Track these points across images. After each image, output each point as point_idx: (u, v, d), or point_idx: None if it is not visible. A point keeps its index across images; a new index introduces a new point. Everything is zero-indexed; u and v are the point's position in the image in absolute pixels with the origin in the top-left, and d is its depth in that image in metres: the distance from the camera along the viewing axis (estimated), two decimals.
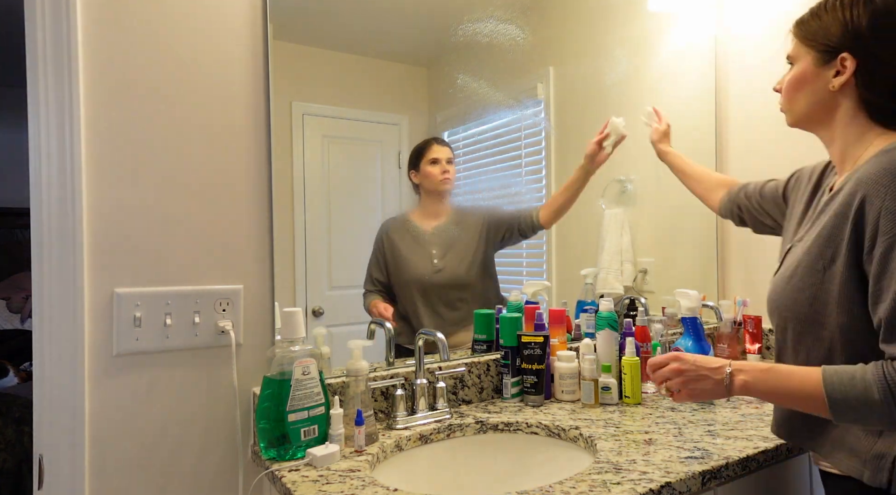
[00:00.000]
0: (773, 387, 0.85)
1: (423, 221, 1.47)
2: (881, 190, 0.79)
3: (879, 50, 0.84)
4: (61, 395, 1.01)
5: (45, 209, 1.01)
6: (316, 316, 1.27)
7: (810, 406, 0.82)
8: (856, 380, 0.78)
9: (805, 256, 0.89)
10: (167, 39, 1.10)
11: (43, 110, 1.02)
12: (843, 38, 0.87)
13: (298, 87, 1.25)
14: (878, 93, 0.86)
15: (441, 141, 1.47)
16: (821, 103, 0.92)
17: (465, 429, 1.23)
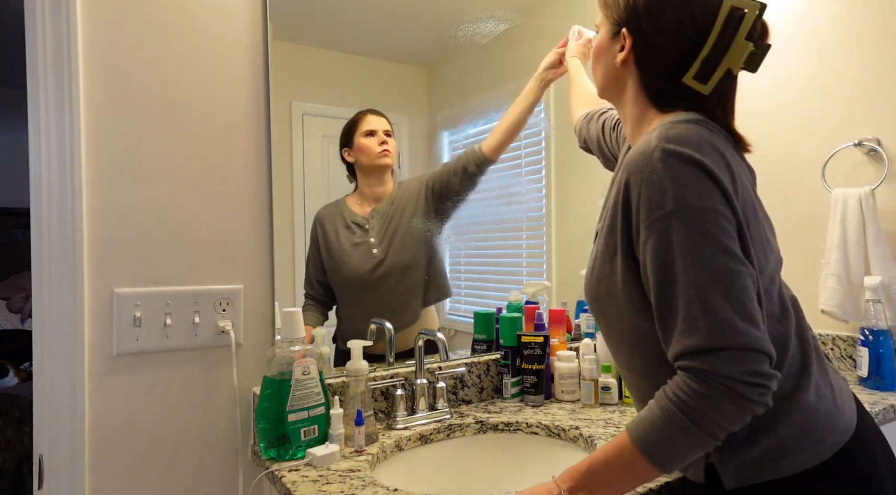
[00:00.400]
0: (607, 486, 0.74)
1: (361, 206, 1.30)
2: (637, 176, 0.75)
3: (651, 30, 0.82)
4: (61, 395, 1.01)
5: (45, 209, 1.01)
6: None
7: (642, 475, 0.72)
8: (656, 420, 0.71)
9: (600, 246, 0.84)
10: (167, 40, 1.10)
11: (43, 110, 1.02)
12: (625, 12, 0.84)
13: (298, 87, 1.25)
14: (650, 73, 0.84)
15: (376, 111, 1.32)
16: (611, 77, 0.90)
17: (465, 429, 1.23)
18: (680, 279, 0.70)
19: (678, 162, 0.72)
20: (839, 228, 1.53)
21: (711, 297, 0.68)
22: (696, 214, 0.70)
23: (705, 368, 0.68)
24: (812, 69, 1.68)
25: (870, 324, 1.43)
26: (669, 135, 0.74)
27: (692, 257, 0.69)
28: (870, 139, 1.56)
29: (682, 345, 0.69)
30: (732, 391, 0.67)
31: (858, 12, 1.59)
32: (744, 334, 0.67)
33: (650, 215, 0.72)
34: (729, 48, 0.78)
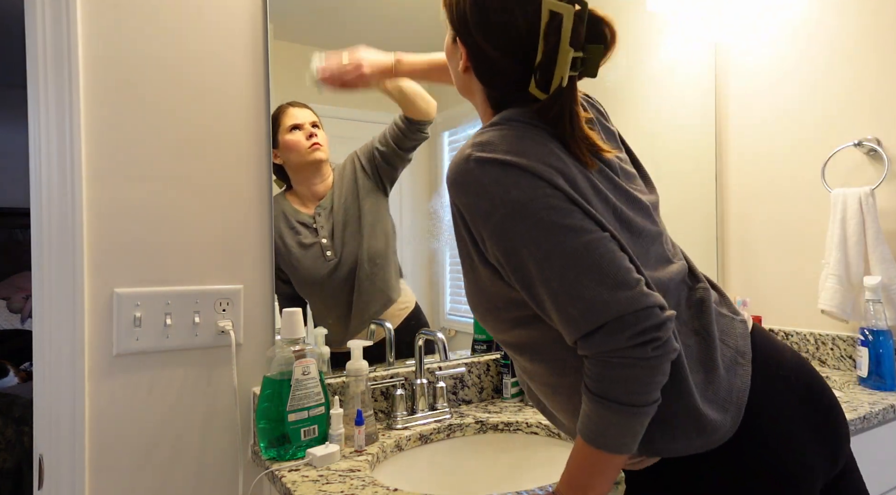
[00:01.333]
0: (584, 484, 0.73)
1: (303, 204, 1.20)
2: (459, 189, 0.72)
3: (482, 41, 0.76)
4: (61, 395, 1.01)
5: (45, 209, 1.01)
6: None
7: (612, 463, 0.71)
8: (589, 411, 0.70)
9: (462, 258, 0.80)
10: (167, 40, 1.10)
11: (43, 110, 1.02)
12: (455, 20, 0.79)
13: (299, 88, 1.25)
14: (491, 85, 0.80)
15: (298, 103, 1.20)
16: (460, 82, 0.86)
17: (465, 429, 1.23)
18: (537, 277, 0.69)
19: (493, 167, 0.70)
20: (839, 228, 1.53)
21: (570, 284, 0.67)
22: (526, 208, 0.68)
23: (596, 350, 0.67)
24: (812, 69, 1.68)
25: (869, 324, 1.43)
26: (481, 142, 0.72)
27: (538, 252, 0.68)
28: (870, 139, 1.56)
29: (570, 336, 0.69)
30: (627, 358, 0.66)
31: (858, 12, 1.59)
32: (611, 303, 0.66)
33: (485, 223, 0.71)
34: (557, 54, 0.72)
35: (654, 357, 0.66)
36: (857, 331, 1.53)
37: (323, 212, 1.21)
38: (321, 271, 1.21)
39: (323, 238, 1.21)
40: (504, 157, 0.70)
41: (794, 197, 1.73)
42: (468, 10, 0.76)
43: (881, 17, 1.55)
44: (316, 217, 1.21)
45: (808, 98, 1.69)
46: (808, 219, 1.70)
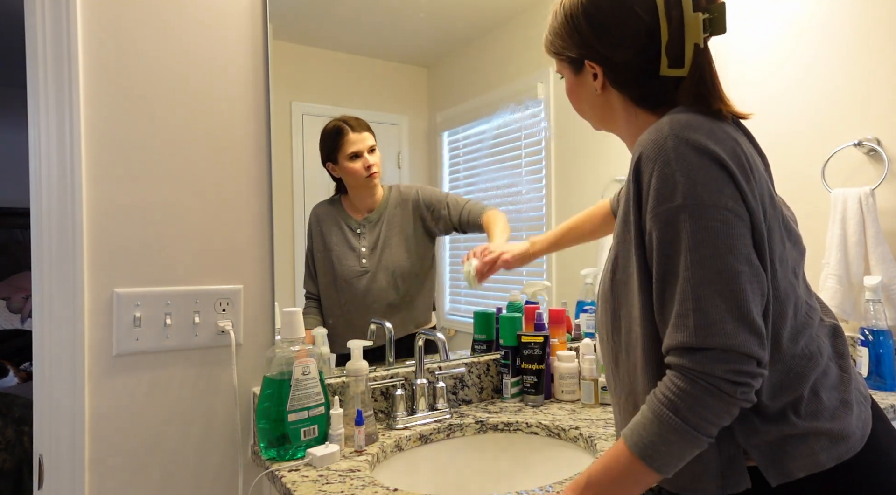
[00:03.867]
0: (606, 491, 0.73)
1: (354, 210, 1.31)
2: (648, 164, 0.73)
3: (609, 50, 0.83)
4: (61, 395, 1.01)
5: (45, 209, 1.01)
6: None
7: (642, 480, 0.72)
8: (648, 422, 0.71)
9: (619, 242, 0.81)
10: (167, 39, 1.10)
11: (43, 110, 1.02)
12: (576, 47, 0.86)
13: (298, 87, 1.25)
14: (630, 86, 0.84)
15: (356, 126, 1.29)
16: (598, 106, 0.90)
17: (465, 429, 1.23)
18: (680, 274, 0.70)
19: (691, 152, 0.71)
20: (839, 228, 1.53)
21: (706, 296, 0.68)
22: (705, 210, 0.69)
23: (690, 367, 0.69)
24: (812, 69, 1.68)
25: (869, 324, 1.43)
26: (681, 121, 0.73)
27: (695, 254, 0.69)
28: (870, 139, 1.56)
29: (672, 340, 0.70)
30: (716, 388, 0.68)
31: (858, 12, 1.59)
32: (730, 336, 0.67)
33: (658, 206, 0.71)
34: (684, 25, 0.78)
35: (737, 399, 0.68)
36: (857, 331, 1.53)
37: (368, 224, 1.32)
38: (353, 274, 1.30)
39: (363, 247, 1.31)
40: (702, 142, 0.71)
41: (794, 197, 1.73)
42: (587, 33, 0.83)
43: (881, 16, 1.55)
44: (363, 225, 1.31)
45: (808, 98, 1.69)
46: (808, 219, 1.70)
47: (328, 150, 1.27)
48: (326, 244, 1.26)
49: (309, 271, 1.25)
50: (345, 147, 1.28)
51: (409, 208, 1.37)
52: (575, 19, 0.85)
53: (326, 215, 1.27)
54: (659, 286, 0.72)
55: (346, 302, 1.29)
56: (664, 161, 0.71)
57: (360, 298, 1.31)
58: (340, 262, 1.28)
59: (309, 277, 1.25)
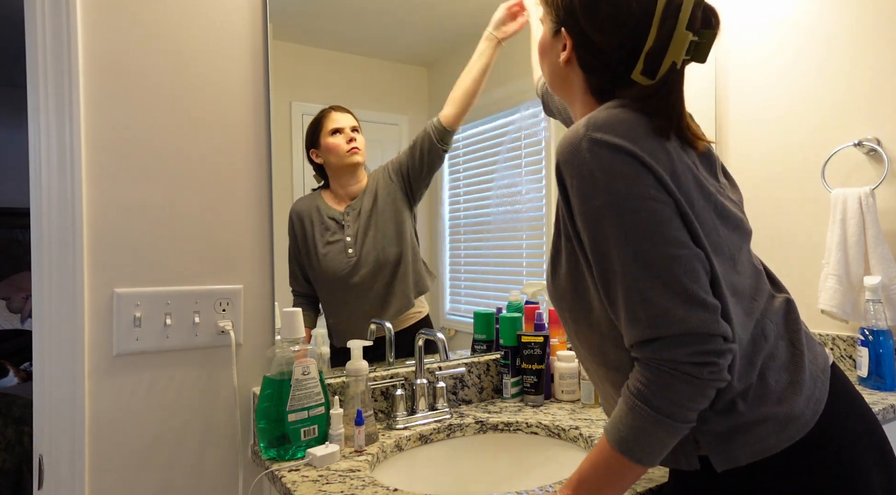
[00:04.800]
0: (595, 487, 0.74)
1: (336, 202, 1.28)
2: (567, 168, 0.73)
3: (590, 28, 0.78)
4: (61, 395, 1.01)
5: (45, 209, 1.01)
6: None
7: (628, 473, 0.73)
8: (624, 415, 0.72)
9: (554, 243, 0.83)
10: (167, 40, 1.10)
11: (43, 110, 1.02)
12: (563, 12, 0.81)
13: (298, 87, 1.25)
14: (595, 73, 0.81)
15: (340, 107, 1.28)
16: (557, 75, 0.87)
17: (465, 429, 1.23)
18: (618, 272, 0.70)
19: (605, 150, 0.71)
20: (839, 228, 1.53)
21: (649, 288, 0.68)
22: (628, 203, 0.69)
23: (652, 357, 0.69)
24: (812, 69, 1.68)
25: (869, 324, 1.43)
26: (597, 121, 0.73)
27: (627, 249, 0.69)
28: (870, 139, 1.56)
29: (630, 336, 0.71)
30: (681, 373, 0.68)
31: (858, 11, 1.59)
32: (684, 321, 0.68)
33: (583, 207, 0.72)
34: (671, 39, 0.74)
35: (706, 379, 0.68)
36: (857, 331, 1.53)
37: (352, 213, 1.28)
38: (341, 268, 1.27)
39: (348, 236, 1.27)
40: (617, 141, 0.71)
41: (794, 197, 1.73)
42: (580, 8, 0.79)
43: (881, 15, 1.55)
44: (345, 216, 1.28)
45: (808, 98, 1.69)
46: (808, 219, 1.70)
47: (312, 134, 1.24)
48: (311, 241, 1.24)
49: (293, 270, 1.22)
50: (327, 124, 1.25)
51: (384, 186, 1.33)
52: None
53: (307, 211, 1.24)
54: (602, 286, 0.73)
55: (340, 295, 1.28)
56: (580, 161, 0.72)
57: (353, 289, 1.29)
58: (328, 258, 1.26)
59: (293, 276, 1.22)
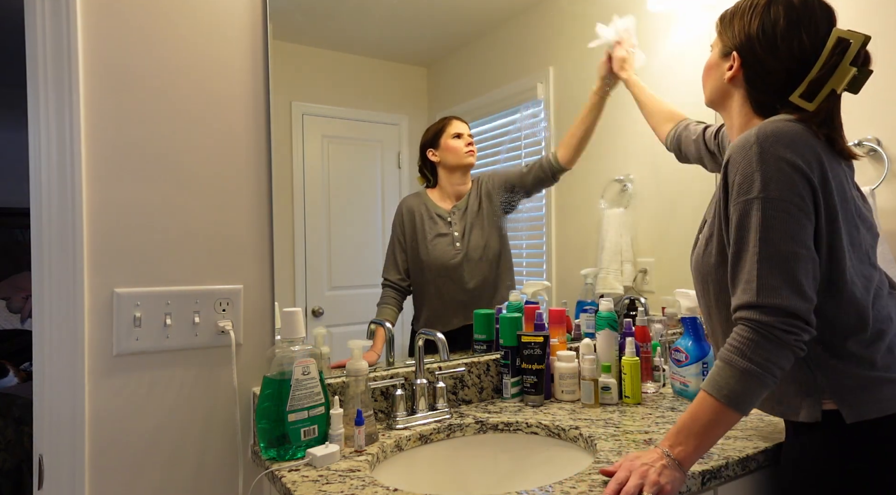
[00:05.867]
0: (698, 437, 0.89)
1: (443, 201, 1.44)
2: (734, 166, 0.91)
3: (764, 54, 0.97)
4: (61, 395, 1.01)
5: (45, 209, 1.01)
6: (316, 316, 1.27)
7: (724, 420, 0.88)
8: (722, 370, 0.88)
9: (711, 225, 1.01)
10: (167, 40, 1.10)
11: (43, 110, 1.02)
12: (738, 38, 1.00)
13: (298, 87, 1.25)
14: (758, 89, 0.99)
15: (459, 117, 1.46)
16: (719, 90, 1.07)
17: (465, 429, 1.23)
18: (749, 250, 0.88)
19: (770, 157, 0.88)
20: None
21: (769, 268, 0.86)
22: (773, 203, 0.87)
23: (752, 318, 0.86)
24: None
25: None
26: (766, 132, 0.89)
27: (762, 235, 0.87)
28: (870, 139, 1.56)
29: (739, 299, 0.89)
30: (772, 335, 0.85)
31: (859, 11, 1.59)
32: (785, 299, 0.85)
33: (739, 198, 0.90)
34: (834, 71, 0.92)
35: (791, 345, 0.86)
36: None
37: (458, 212, 1.45)
38: (448, 258, 1.43)
39: (455, 231, 1.44)
40: (780, 152, 0.88)
41: None
42: (755, 33, 0.97)
43: (882, 15, 1.55)
44: (452, 214, 1.44)
45: None
46: None
47: (433, 134, 1.41)
48: (420, 233, 1.39)
49: (393, 260, 1.34)
50: (450, 128, 1.43)
51: (486, 193, 1.49)
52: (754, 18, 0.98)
53: (416, 206, 1.39)
54: (733, 260, 0.91)
55: (441, 285, 1.42)
56: (747, 163, 0.89)
57: (455, 281, 1.44)
58: (436, 248, 1.41)
59: (391, 266, 1.34)
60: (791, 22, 0.94)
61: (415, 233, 1.38)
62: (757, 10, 0.98)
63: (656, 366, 1.52)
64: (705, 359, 1.37)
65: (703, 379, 1.37)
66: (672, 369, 1.44)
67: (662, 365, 1.53)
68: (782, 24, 0.95)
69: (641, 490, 0.86)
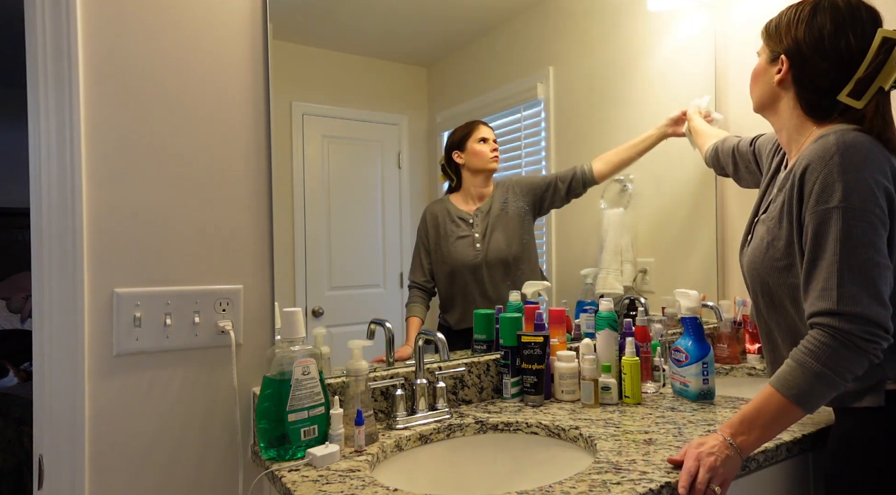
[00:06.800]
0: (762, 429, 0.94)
1: (465, 204, 1.49)
2: (814, 172, 0.94)
3: (811, 56, 1.01)
4: (61, 395, 1.01)
5: (45, 209, 1.01)
6: (316, 316, 1.27)
7: (788, 416, 0.93)
8: (794, 370, 0.92)
9: (774, 228, 1.04)
10: (167, 40, 1.10)
11: (43, 110, 1.02)
12: (787, 42, 1.04)
13: (298, 87, 1.25)
14: (808, 90, 1.03)
15: (484, 122, 1.50)
16: (768, 94, 1.10)
17: (465, 429, 1.23)
18: (828, 257, 0.91)
19: (850, 167, 0.91)
20: None
21: (848, 276, 0.89)
22: (854, 213, 0.90)
23: (832, 325, 0.90)
24: None
25: None
26: (846, 142, 0.93)
27: (842, 244, 0.90)
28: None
29: (817, 306, 0.92)
30: (852, 343, 0.88)
31: None
32: (866, 307, 0.88)
33: (817, 205, 0.93)
34: (881, 69, 0.96)
35: (869, 353, 0.89)
36: None
37: (480, 214, 1.50)
38: (469, 258, 1.48)
39: (476, 233, 1.49)
40: (861, 163, 0.91)
41: None
42: (803, 36, 1.01)
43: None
44: (474, 216, 1.49)
45: None
46: None
47: (460, 137, 1.46)
48: (443, 235, 1.44)
49: (419, 263, 1.40)
50: (476, 133, 1.48)
51: (511, 197, 1.54)
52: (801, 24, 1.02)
53: (440, 211, 1.44)
54: (809, 266, 0.94)
55: (465, 286, 1.47)
56: (828, 172, 0.92)
57: (478, 281, 1.48)
58: (458, 249, 1.46)
59: (417, 268, 1.40)
60: (837, 25, 0.98)
61: (438, 236, 1.43)
62: (803, 15, 1.02)
63: (656, 366, 1.52)
64: (705, 359, 1.37)
65: (703, 379, 1.37)
66: (672, 369, 1.44)
67: (662, 365, 1.53)
68: (829, 27, 0.99)
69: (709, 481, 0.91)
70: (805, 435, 1.13)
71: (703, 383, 1.37)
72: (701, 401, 1.37)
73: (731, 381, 1.68)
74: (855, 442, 1.01)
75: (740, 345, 1.80)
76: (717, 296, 1.95)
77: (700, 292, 1.82)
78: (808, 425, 1.18)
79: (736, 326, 1.78)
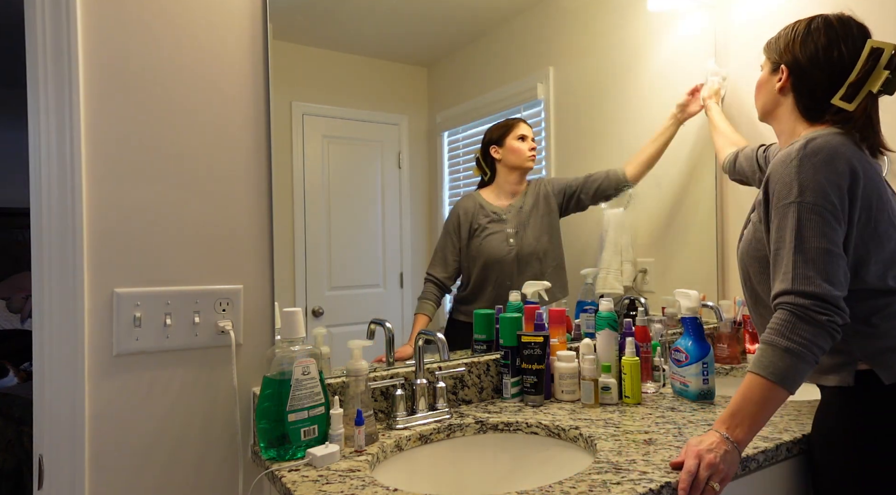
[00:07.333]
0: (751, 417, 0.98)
1: (498, 199, 1.51)
2: (776, 175, 1.04)
3: (806, 64, 1.12)
4: (61, 395, 1.01)
5: (45, 209, 1.01)
6: (316, 316, 1.27)
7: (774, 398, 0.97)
8: (765, 351, 0.98)
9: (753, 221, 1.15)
10: (167, 40, 1.10)
11: (43, 110, 1.02)
12: (785, 55, 1.15)
13: (298, 87, 1.25)
14: (804, 95, 1.13)
15: (525, 121, 1.54)
16: (771, 102, 1.20)
17: (465, 429, 1.23)
18: (786, 246, 1.01)
19: (808, 168, 1.00)
20: None
21: (802, 261, 0.98)
22: (807, 207, 0.99)
23: (789, 302, 0.98)
24: None
25: None
26: (808, 148, 1.02)
27: (798, 234, 0.99)
28: None
29: (777, 288, 1.01)
30: (809, 317, 0.95)
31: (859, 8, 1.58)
32: (819, 286, 0.97)
33: (778, 202, 1.03)
34: (870, 75, 1.06)
35: (824, 324, 0.95)
36: None
37: (512, 210, 1.53)
38: (502, 252, 1.51)
39: (508, 228, 1.52)
40: (818, 166, 1.00)
41: None
42: (798, 49, 1.12)
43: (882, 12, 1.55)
44: (506, 212, 1.52)
45: None
46: None
47: (499, 132, 1.49)
48: (473, 231, 1.45)
49: (442, 258, 1.41)
50: (516, 130, 1.51)
51: (543, 195, 1.57)
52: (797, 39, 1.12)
53: (472, 206, 1.47)
54: (774, 257, 1.04)
55: (495, 280, 1.49)
56: (787, 173, 1.02)
57: (509, 275, 1.51)
58: (491, 243, 1.48)
59: (439, 262, 1.41)
60: (830, 38, 1.09)
61: (470, 231, 1.45)
62: (799, 30, 1.14)
63: (656, 366, 1.52)
64: (705, 359, 1.37)
65: (703, 379, 1.37)
66: (672, 369, 1.44)
67: (662, 365, 1.53)
68: (823, 40, 1.10)
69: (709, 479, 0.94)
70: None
71: (703, 383, 1.37)
72: (701, 401, 1.37)
73: (731, 381, 1.68)
74: (828, 418, 1.08)
75: (740, 345, 1.80)
76: (717, 296, 1.95)
77: (700, 292, 1.82)
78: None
79: (736, 326, 1.78)
